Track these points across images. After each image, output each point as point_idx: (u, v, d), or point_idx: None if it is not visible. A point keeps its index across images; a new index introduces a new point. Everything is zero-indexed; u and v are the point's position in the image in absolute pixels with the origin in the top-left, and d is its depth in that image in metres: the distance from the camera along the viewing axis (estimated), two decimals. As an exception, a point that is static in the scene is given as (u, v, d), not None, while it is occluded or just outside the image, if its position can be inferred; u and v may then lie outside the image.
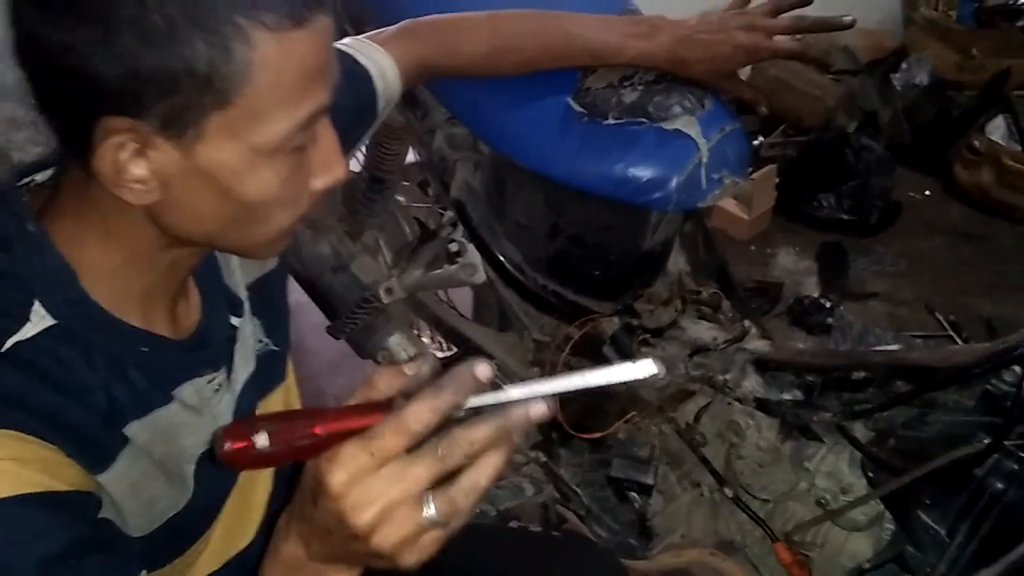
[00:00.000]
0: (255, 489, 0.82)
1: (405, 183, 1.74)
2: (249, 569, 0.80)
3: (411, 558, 0.53)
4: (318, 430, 0.52)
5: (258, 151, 0.58)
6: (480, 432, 0.51)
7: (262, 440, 0.51)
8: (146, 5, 0.52)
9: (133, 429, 0.65)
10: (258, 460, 0.53)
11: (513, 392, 0.52)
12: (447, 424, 0.51)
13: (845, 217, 2.66)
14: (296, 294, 1.72)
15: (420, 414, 0.51)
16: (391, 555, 0.52)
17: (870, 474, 0.98)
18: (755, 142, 2.87)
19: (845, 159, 2.67)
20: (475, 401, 0.51)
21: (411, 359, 1.49)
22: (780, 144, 2.86)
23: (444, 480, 0.51)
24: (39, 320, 0.60)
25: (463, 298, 1.76)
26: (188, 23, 0.53)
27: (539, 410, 0.51)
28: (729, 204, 2.63)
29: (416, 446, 0.51)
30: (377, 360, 1.52)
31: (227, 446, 0.52)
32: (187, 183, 0.59)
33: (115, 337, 0.64)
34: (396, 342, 1.48)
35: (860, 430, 1.01)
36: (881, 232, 2.66)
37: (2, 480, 0.55)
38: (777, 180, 2.67)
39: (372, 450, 0.51)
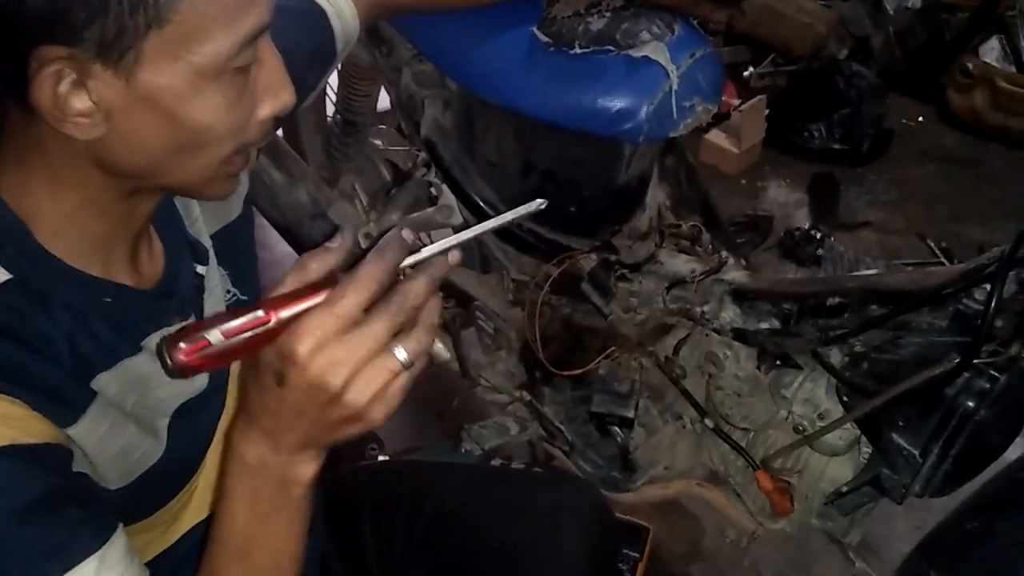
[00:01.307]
0: None
1: (382, 127, 1.71)
2: None
3: (381, 411, 0.57)
4: (271, 316, 0.54)
5: (201, 72, 0.57)
6: (420, 284, 0.56)
7: (215, 336, 0.53)
8: None
9: (102, 381, 0.64)
10: (215, 360, 0.55)
11: (433, 247, 0.57)
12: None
13: (836, 147, 2.62)
14: (283, 245, 1.72)
15: (373, 273, 0.55)
16: (364, 411, 0.56)
17: (845, 399, 0.98)
18: (744, 73, 2.82)
19: (836, 87, 2.62)
20: (409, 260, 0.56)
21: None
22: (769, 74, 2.81)
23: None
24: None
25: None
26: None
27: (455, 257, 0.58)
28: (718, 137, 2.59)
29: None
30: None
31: (180, 349, 0.53)
32: (131, 112, 0.57)
33: (75, 288, 0.63)
34: (378, 287, 1.47)
35: (836, 356, 1.00)
36: (873, 161, 2.62)
37: None
38: (767, 111, 2.63)
39: (336, 313, 0.54)
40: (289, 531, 0.64)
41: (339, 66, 1.51)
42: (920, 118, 2.80)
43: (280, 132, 1.81)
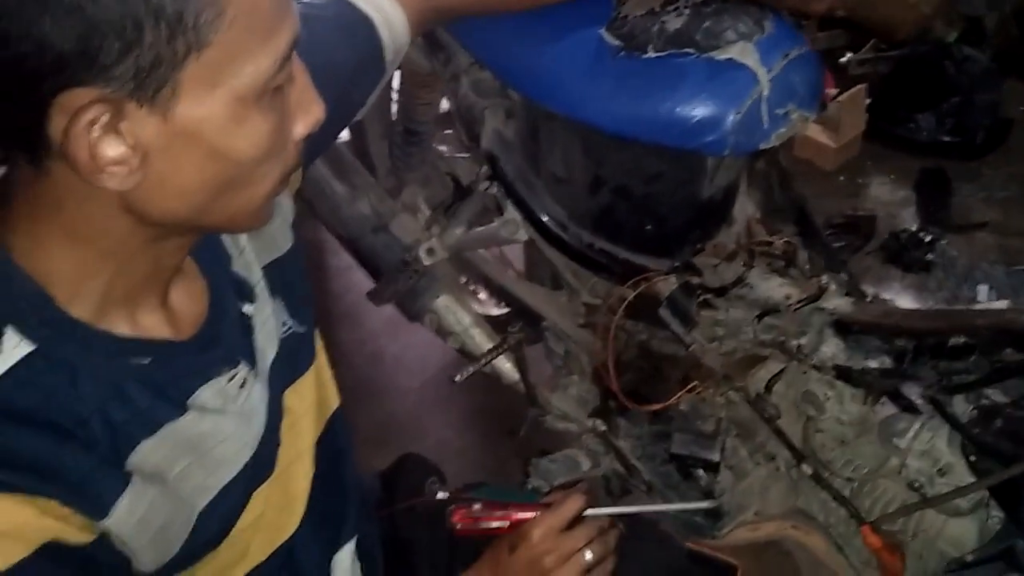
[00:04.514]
0: (296, 477, 0.75)
1: (448, 131, 1.62)
2: (295, 558, 0.75)
3: None
4: (513, 517, 0.86)
5: (243, 98, 0.51)
6: (603, 521, 0.87)
7: (488, 523, 0.87)
8: None
9: (144, 450, 0.58)
10: (479, 530, 0.87)
11: (606, 510, 0.88)
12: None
13: (947, 139, 2.39)
14: (345, 255, 1.66)
15: (575, 503, 0.85)
16: None
17: (972, 458, 0.83)
18: (842, 59, 2.62)
19: (945, 73, 2.39)
20: (590, 512, 0.86)
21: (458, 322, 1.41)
22: (871, 60, 2.59)
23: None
24: (13, 349, 0.53)
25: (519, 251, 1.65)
26: None
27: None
28: (814, 131, 2.40)
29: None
30: (424, 323, 1.43)
31: (456, 515, 0.87)
32: (170, 152, 0.51)
33: (104, 354, 0.56)
34: (443, 304, 1.40)
35: (960, 405, 0.85)
36: (988, 154, 2.38)
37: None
38: (868, 101, 2.42)
39: (561, 517, 0.84)
40: None
41: (399, 73, 1.43)
42: (1042, 105, 2.54)
43: (347, 139, 1.75)
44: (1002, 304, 1.38)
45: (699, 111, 0.90)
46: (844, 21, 2.94)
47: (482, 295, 1.74)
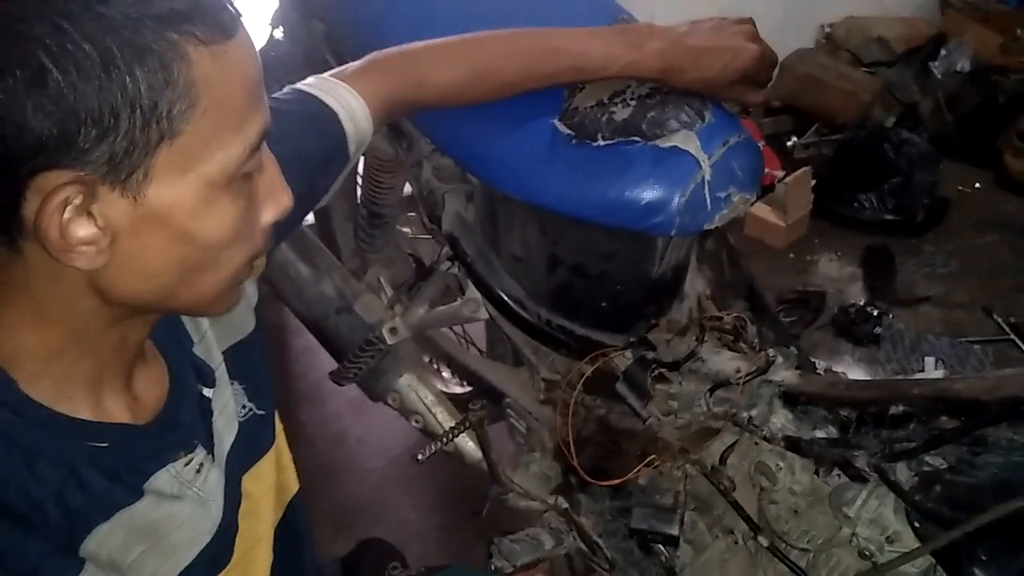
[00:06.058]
0: (255, 564, 0.75)
1: (410, 214, 1.66)
2: None
3: None
4: None
5: (213, 184, 0.53)
6: None
7: None
8: (71, 37, 0.46)
9: (100, 535, 0.58)
10: None
11: None
12: None
13: (889, 217, 2.51)
14: (308, 336, 1.67)
15: None
16: None
17: (916, 524, 0.86)
18: (788, 143, 2.75)
19: (885, 155, 2.52)
20: None
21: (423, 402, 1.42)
22: (814, 144, 2.73)
23: None
24: None
25: (482, 329, 1.68)
26: (121, 48, 0.47)
27: None
28: (763, 211, 2.50)
29: None
30: (388, 402, 1.44)
31: None
32: (139, 234, 0.52)
33: (63, 438, 0.57)
34: (406, 383, 1.41)
35: (903, 472, 0.88)
36: (929, 231, 2.50)
37: None
38: (813, 182, 2.54)
39: None
40: None
41: (364, 159, 1.48)
42: (977, 185, 2.68)
43: (312, 222, 1.78)
44: (937, 374, 1.44)
45: (647, 195, 0.95)
46: (789, 108, 3.11)
47: (445, 373, 1.76)
